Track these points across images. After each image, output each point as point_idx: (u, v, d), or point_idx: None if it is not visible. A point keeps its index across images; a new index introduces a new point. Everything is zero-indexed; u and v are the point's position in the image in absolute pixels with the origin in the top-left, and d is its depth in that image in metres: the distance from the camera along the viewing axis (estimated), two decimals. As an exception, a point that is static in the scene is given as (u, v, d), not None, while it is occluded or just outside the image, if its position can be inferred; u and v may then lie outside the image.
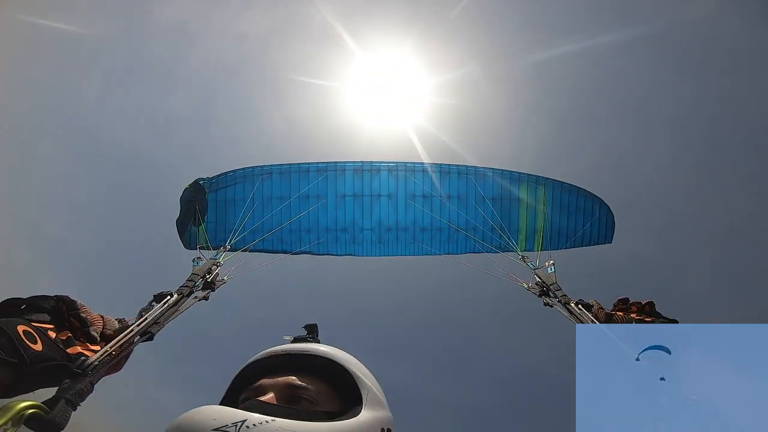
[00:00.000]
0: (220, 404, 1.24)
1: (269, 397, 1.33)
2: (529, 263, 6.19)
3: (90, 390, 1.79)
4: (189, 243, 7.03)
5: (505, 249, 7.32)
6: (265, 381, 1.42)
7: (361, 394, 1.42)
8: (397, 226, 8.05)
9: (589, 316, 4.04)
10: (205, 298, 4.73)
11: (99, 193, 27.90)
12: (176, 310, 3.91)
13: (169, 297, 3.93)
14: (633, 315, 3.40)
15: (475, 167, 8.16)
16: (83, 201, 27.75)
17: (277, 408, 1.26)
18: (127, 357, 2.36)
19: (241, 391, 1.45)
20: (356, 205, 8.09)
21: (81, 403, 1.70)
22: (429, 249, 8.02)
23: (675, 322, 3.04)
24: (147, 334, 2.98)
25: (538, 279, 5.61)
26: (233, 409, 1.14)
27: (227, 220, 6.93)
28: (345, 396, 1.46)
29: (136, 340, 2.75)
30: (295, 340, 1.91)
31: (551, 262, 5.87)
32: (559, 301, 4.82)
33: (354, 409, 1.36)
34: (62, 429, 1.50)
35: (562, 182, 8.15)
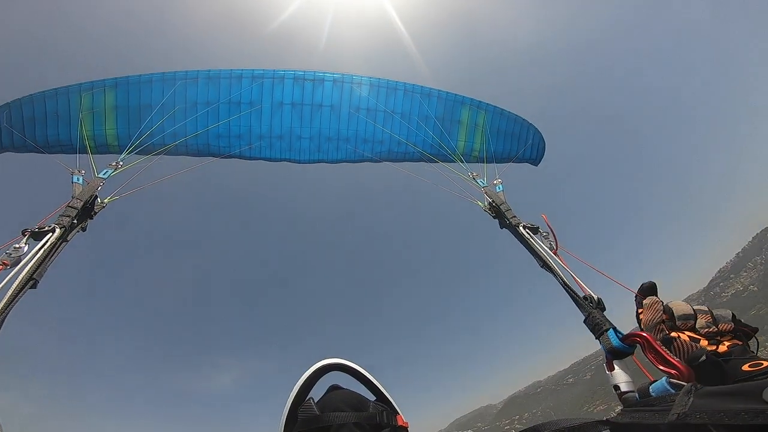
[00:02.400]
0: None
1: None
2: (479, 180, 6.45)
3: None
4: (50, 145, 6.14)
5: (445, 160, 7.75)
6: None
7: None
8: (338, 136, 8.10)
9: (541, 245, 4.34)
10: (83, 228, 4.07)
11: None
12: (59, 247, 3.30)
13: (50, 234, 3.25)
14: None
15: (422, 86, 8.13)
16: None
17: None
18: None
19: None
20: (294, 114, 7.88)
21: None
22: (370, 156, 8.24)
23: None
24: (31, 281, 2.56)
25: (488, 198, 5.85)
26: None
27: (131, 126, 6.44)
28: None
29: (18, 291, 2.37)
30: None
31: (498, 180, 6.18)
32: (509, 223, 5.03)
33: None
34: None
35: (502, 109, 8.35)
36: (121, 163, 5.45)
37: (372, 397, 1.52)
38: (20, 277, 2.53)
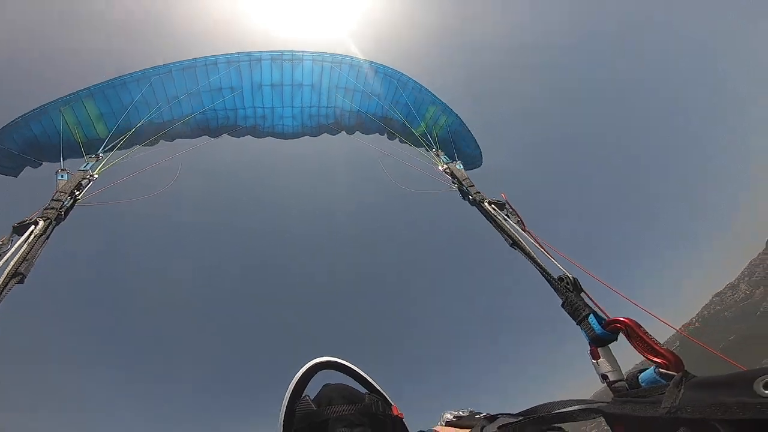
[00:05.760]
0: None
1: None
2: (443, 157, 6.74)
3: None
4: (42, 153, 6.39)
5: (415, 144, 8.15)
6: None
7: None
8: (318, 114, 8.45)
9: (507, 220, 4.19)
10: (58, 222, 4.05)
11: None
12: (44, 241, 3.32)
13: (33, 226, 3.28)
14: None
15: (401, 73, 8.34)
16: None
17: None
18: None
19: None
20: (275, 95, 7.95)
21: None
22: (347, 125, 8.65)
23: None
24: (17, 276, 2.55)
25: (449, 171, 6.03)
26: None
27: (119, 127, 6.72)
28: None
29: (3, 286, 2.37)
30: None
31: (458, 161, 6.56)
32: (473, 199, 4.95)
33: None
34: None
35: (461, 120, 8.72)
36: (101, 155, 5.74)
37: (364, 391, 1.55)
38: (6, 272, 2.54)
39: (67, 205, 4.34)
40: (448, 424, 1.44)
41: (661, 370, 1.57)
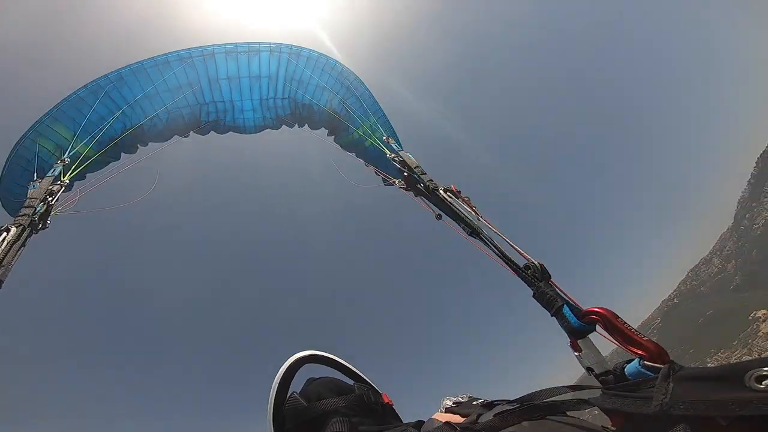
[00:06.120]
0: None
1: None
2: (393, 144, 6.62)
3: None
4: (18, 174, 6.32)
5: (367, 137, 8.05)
6: None
7: None
8: (275, 105, 8.43)
9: (465, 207, 3.93)
10: (34, 229, 4.09)
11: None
12: (21, 246, 3.49)
13: (5, 233, 3.40)
14: None
15: (354, 77, 8.37)
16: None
17: None
18: None
19: None
20: (233, 88, 7.67)
21: None
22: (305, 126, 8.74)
23: None
24: None
25: (398, 159, 5.74)
26: None
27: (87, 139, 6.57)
28: None
29: None
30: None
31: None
32: (426, 187, 4.80)
33: None
34: None
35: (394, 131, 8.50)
36: (67, 160, 5.65)
37: (351, 382, 1.53)
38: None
39: (41, 211, 4.27)
40: (448, 410, 1.41)
41: (646, 362, 1.54)
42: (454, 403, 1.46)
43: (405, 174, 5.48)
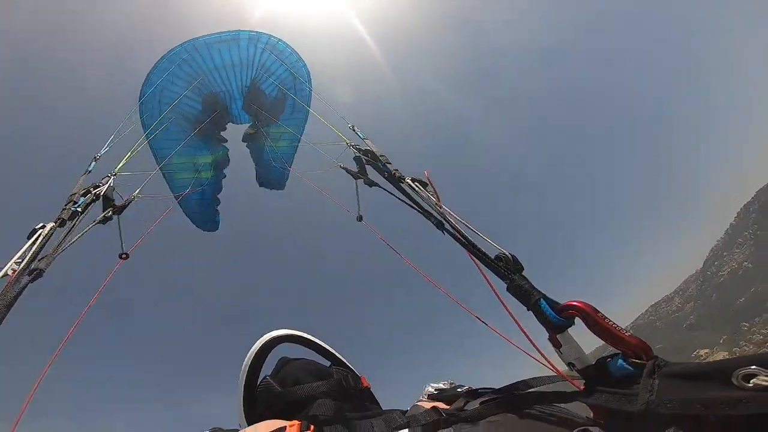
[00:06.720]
0: None
1: None
2: (358, 132, 6.10)
3: None
4: None
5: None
6: None
7: None
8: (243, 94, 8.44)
9: (431, 199, 3.67)
10: (102, 220, 4.00)
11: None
12: (64, 240, 3.33)
13: (41, 229, 3.31)
14: None
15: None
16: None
17: None
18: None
19: None
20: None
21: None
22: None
23: None
24: (35, 272, 2.56)
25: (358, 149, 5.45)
26: None
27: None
28: None
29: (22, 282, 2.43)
30: None
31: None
32: (393, 176, 4.40)
33: None
34: None
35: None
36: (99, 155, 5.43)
37: (327, 363, 1.47)
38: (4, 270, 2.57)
39: (86, 202, 4.07)
40: (431, 396, 1.38)
41: (629, 359, 1.42)
42: (436, 390, 1.44)
43: (368, 159, 5.17)
